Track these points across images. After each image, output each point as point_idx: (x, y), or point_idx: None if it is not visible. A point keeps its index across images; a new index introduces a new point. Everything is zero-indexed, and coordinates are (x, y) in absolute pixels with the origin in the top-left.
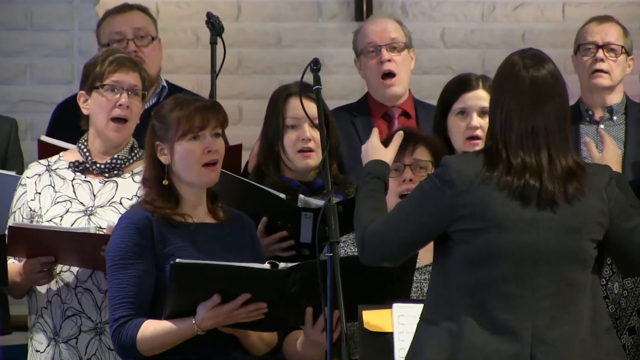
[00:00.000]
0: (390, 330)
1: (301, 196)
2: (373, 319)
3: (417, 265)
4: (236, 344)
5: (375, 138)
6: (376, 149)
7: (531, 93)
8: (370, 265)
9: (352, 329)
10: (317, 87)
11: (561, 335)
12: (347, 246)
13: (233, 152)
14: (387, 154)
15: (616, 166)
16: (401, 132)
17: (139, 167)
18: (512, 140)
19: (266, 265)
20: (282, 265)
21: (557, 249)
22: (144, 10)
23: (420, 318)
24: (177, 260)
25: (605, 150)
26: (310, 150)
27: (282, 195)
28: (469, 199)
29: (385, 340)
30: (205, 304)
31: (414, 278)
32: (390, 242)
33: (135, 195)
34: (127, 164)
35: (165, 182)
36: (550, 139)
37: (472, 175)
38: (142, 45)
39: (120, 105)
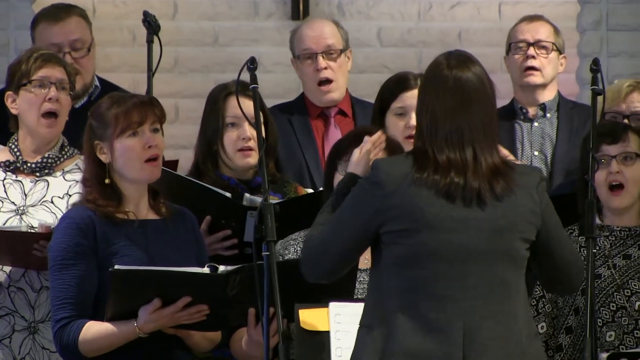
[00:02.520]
0: (326, 329)
1: (247, 195)
2: (309, 317)
3: (365, 267)
4: (179, 343)
5: (361, 150)
6: (359, 162)
7: (455, 92)
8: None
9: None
10: (253, 86)
11: (494, 335)
12: (297, 244)
13: (169, 167)
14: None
15: None
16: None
17: (70, 165)
18: (438, 139)
19: (205, 270)
20: (222, 268)
21: (488, 248)
22: (80, 14)
23: (359, 324)
24: (116, 267)
25: None
26: (250, 149)
27: (227, 194)
28: (398, 199)
29: (321, 339)
30: (147, 308)
31: (362, 279)
32: (326, 253)
33: (67, 193)
34: (58, 162)
35: (107, 181)
36: (475, 138)
37: (401, 176)
38: (79, 57)
39: (49, 99)
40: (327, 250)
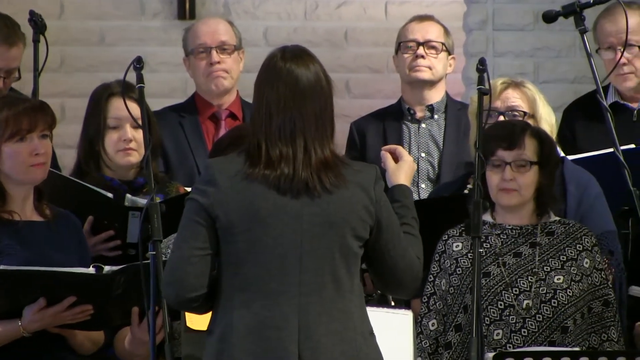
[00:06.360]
0: None
1: (128, 195)
2: (196, 317)
3: None
4: (63, 343)
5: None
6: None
7: (288, 84)
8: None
9: (179, 327)
10: (140, 85)
11: (329, 332)
12: None
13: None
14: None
15: (409, 179)
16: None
17: None
18: (272, 131)
19: (90, 270)
20: (107, 268)
21: (321, 244)
22: None
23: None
24: (1, 267)
25: (402, 161)
26: (132, 150)
27: (110, 194)
28: (232, 195)
29: None
30: (31, 307)
31: None
32: (179, 270)
33: None
34: None
35: None
36: (306, 129)
37: (234, 172)
38: None
39: None
40: (178, 265)
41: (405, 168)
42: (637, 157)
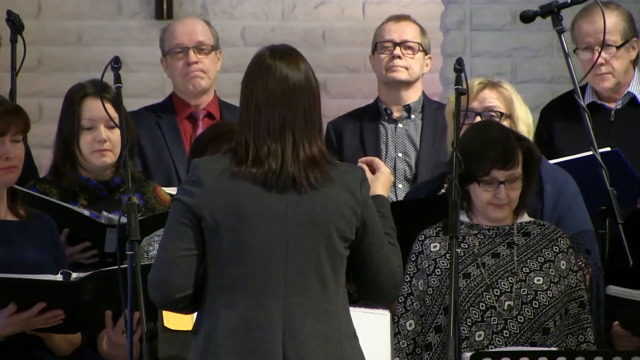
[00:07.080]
0: (190, 329)
1: (104, 213)
2: (173, 317)
3: None
4: (40, 343)
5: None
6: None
7: (279, 80)
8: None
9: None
10: (117, 85)
11: (315, 333)
12: None
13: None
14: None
15: (386, 190)
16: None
17: None
18: (261, 128)
19: (58, 277)
20: (75, 275)
21: (306, 245)
22: None
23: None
24: None
25: (379, 173)
26: (106, 150)
27: (86, 212)
28: (217, 195)
29: (186, 338)
30: (2, 313)
31: None
32: (165, 271)
33: None
34: None
35: None
36: (296, 125)
37: (219, 171)
38: None
39: None
40: (164, 265)
41: (382, 179)
42: (613, 159)
